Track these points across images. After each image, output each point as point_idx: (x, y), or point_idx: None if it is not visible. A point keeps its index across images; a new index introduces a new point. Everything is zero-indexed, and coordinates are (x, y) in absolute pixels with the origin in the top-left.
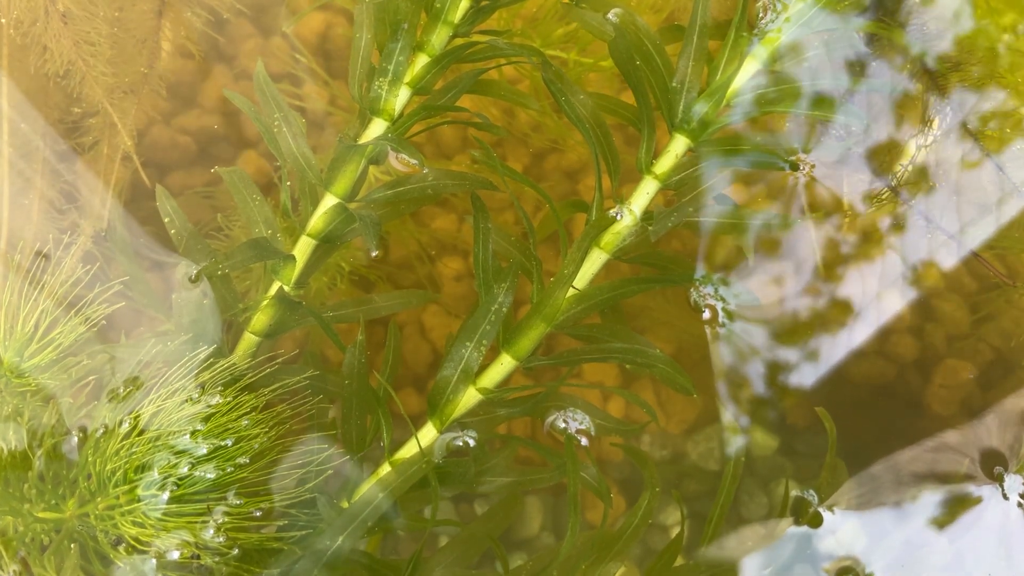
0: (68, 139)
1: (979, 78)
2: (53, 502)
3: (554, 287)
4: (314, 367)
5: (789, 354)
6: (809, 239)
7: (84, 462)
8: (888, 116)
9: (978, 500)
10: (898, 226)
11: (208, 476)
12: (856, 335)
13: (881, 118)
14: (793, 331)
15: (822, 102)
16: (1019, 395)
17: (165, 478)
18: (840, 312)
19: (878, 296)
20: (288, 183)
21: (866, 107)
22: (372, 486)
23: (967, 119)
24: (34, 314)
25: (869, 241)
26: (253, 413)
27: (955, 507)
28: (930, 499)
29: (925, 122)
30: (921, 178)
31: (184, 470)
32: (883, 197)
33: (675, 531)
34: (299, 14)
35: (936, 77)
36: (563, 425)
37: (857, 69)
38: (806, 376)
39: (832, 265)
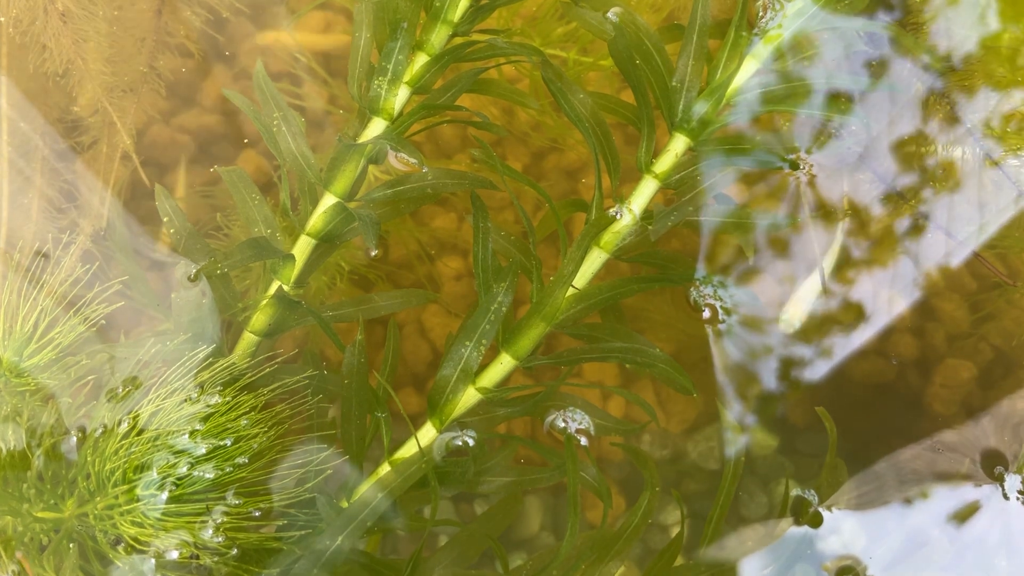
0: (67, 138)
1: (982, 80)
2: (52, 502)
3: (554, 286)
4: (313, 367)
5: (790, 354)
6: (809, 239)
7: (83, 462)
8: (889, 117)
9: (978, 500)
10: (906, 228)
11: (207, 476)
12: (857, 335)
13: (883, 119)
14: (795, 331)
15: (823, 102)
16: (1019, 395)
17: (164, 478)
18: (841, 313)
19: (875, 294)
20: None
21: (867, 108)
22: (371, 486)
23: (973, 121)
24: (33, 313)
25: (869, 241)
26: (252, 413)
27: (955, 507)
28: (930, 499)
29: (929, 123)
30: (923, 179)
31: (183, 470)
32: (884, 198)
33: (675, 531)
34: (298, 14)
35: (939, 78)
36: (563, 425)
37: (861, 70)
38: (807, 375)
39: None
